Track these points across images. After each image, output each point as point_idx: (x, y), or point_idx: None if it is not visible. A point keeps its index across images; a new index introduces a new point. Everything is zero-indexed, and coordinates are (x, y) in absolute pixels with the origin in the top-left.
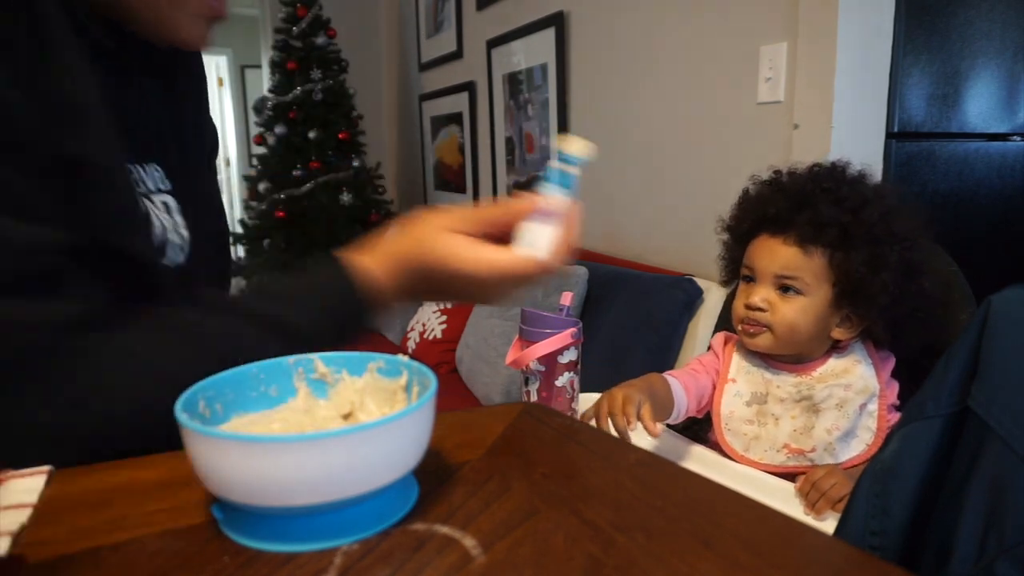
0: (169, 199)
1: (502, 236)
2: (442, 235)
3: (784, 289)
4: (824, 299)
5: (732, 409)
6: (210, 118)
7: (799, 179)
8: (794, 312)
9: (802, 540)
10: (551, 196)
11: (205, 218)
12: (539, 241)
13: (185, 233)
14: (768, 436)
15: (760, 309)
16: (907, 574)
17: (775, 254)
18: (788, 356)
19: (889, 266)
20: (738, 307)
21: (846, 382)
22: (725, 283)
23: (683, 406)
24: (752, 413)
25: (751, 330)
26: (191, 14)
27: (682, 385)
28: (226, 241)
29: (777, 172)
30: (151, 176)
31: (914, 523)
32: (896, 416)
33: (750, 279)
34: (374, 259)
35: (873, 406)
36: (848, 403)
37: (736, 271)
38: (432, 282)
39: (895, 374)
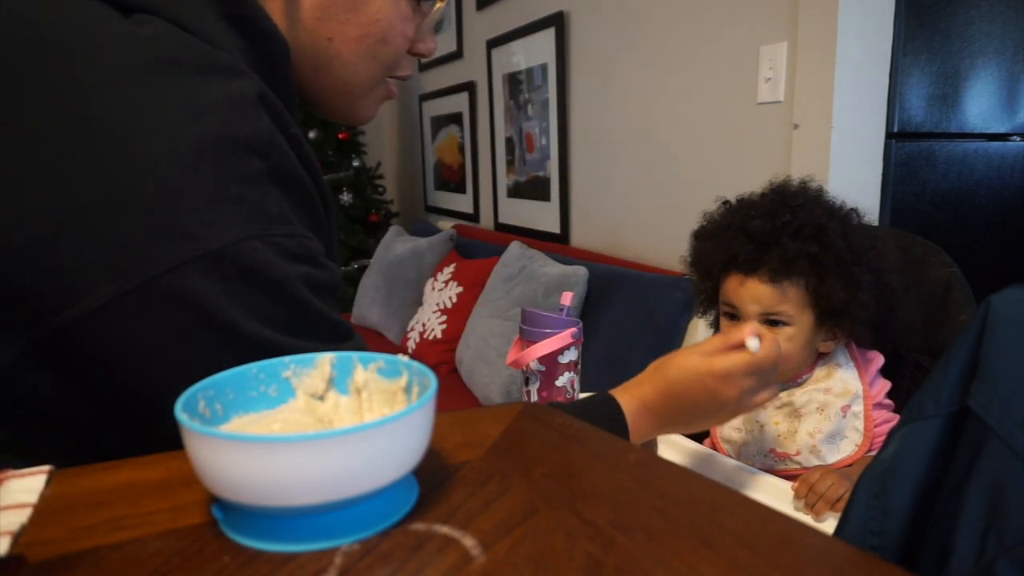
0: None
1: None
2: (682, 356)
3: (772, 324)
4: (809, 323)
5: None
6: None
7: (756, 221)
8: (784, 344)
9: (802, 540)
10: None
11: None
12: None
13: None
14: (755, 441)
15: None
16: (907, 574)
17: (754, 294)
18: None
19: (864, 286)
20: None
21: (826, 386)
22: (703, 314)
23: None
24: (740, 421)
25: None
26: (375, 99)
27: None
28: None
29: (726, 203)
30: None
31: (914, 523)
32: (883, 413)
33: (733, 316)
34: (632, 396)
35: (858, 407)
36: (829, 406)
37: (711, 303)
38: (675, 398)
39: (892, 374)
